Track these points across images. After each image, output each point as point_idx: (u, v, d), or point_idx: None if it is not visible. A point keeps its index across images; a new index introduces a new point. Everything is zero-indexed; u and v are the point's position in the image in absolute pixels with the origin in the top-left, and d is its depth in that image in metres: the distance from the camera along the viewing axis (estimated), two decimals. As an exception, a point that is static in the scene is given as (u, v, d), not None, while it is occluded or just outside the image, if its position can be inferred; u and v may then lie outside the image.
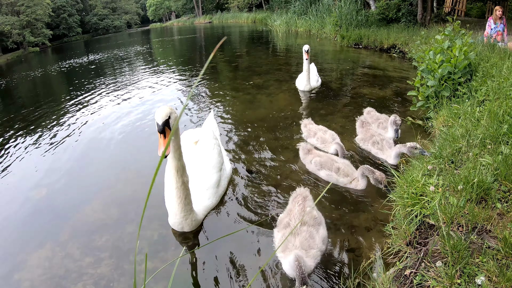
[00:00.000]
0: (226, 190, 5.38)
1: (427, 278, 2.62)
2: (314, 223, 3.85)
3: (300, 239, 3.70)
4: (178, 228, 4.55)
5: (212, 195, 4.96)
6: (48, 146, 8.09)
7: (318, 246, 3.69)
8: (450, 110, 6.00)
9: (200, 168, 5.11)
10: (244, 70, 14.98)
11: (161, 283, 3.80)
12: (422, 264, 2.81)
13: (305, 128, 6.88)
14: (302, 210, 3.98)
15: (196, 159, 5.28)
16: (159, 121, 3.77)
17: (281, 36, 27.24)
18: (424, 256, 2.87)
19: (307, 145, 5.96)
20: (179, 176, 4.17)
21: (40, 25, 56.90)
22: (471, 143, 4.42)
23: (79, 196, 5.78)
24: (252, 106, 9.49)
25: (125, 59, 23.35)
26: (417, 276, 2.68)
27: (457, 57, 6.84)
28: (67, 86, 16.09)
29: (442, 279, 2.53)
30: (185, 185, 4.24)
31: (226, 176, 5.45)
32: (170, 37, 42.73)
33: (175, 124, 3.87)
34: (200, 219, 4.70)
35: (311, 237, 3.72)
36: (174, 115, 3.89)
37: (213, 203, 4.95)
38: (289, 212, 4.07)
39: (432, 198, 3.41)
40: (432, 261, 2.75)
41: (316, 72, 10.78)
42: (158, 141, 3.87)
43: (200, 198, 4.87)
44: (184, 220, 4.43)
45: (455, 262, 2.60)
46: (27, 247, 4.66)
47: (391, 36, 16.47)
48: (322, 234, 3.82)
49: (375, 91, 9.77)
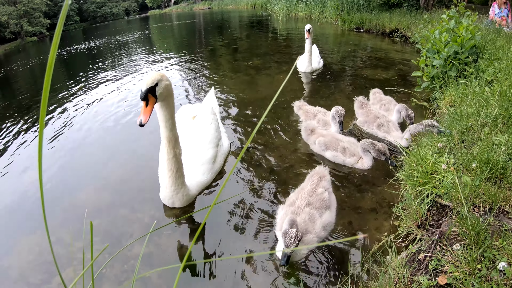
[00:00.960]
0: (222, 167, 5.21)
1: (444, 262, 2.38)
2: (320, 206, 3.63)
3: (298, 220, 3.48)
4: (168, 202, 4.41)
5: (207, 170, 4.78)
6: (43, 132, 7.80)
7: (317, 231, 3.48)
8: (457, 90, 5.78)
9: (196, 143, 4.94)
10: (243, 52, 14.71)
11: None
12: (438, 247, 2.56)
13: (300, 110, 6.55)
14: (313, 190, 3.77)
15: (193, 133, 5.10)
16: (143, 87, 3.58)
17: (281, 20, 26.80)
18: (439, 239, 2.62)
19: (309, 124, 5.66)
20: (170, 148, 4.03)
21: (38, 14, 56.09)
22: (481, 122, 4.21)
23: (72, 180, 5.55)
24: (251, 86, 9.28)
25: (123, 45, 22.94)
26: (432, 261, 2.43)
27: (463, 36, 6.59)
28: (65, 73, 15.74)
29: (461, 264, 2.29)
30: (177, 158, 4.09)
31: (223, 152, 5.28)
32: (169, 22, 42.26)
33: (163, 92, 3.74)
34: (193, 195, 4.53)
35: (311, 221, 3.51)
36: (164, 82, 3.68)
37: (208, 179, 4.77)
38: (300, 190, 3.87)
39: (444, 177, 3.16)
40: (449, 245, 2.51)
41: (318, 53, 10.45)
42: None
43: (195, 173, 4.69)
44: (175, 194, 4.29)
45: (474, 245, 2.36)
46: (17, 233, 4.46)
47: (393, 20, 16.13)
48: (326, 220, 3.58)
49: (378, 73, 9.51)
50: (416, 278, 2.36)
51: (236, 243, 3.83)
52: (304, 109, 6.46)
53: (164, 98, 3.78)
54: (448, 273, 2.27)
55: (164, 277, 3.49)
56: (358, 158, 4.89)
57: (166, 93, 3.74)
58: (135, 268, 3.55)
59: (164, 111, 3.88)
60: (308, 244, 3.38)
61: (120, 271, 3.59)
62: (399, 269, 2.51)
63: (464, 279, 2.19)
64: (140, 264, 3.65)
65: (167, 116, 3.91)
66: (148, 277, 3.49)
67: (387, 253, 2.95)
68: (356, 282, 2.84)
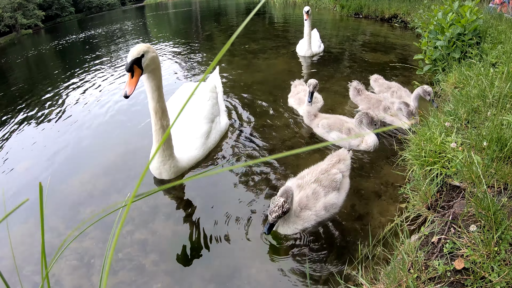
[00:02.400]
0: (216, 144, 5.22)
1: (460, 245, 2.22)
2: (328, 185, 3.56)
3: (301, 195, 3.49)
4: (156, 173, 4.46)
5: (200, 145, 4.80)
6: (38, 121, 7.56)
7: (317, 210, 3.42)
8: (461, 71, 5.60)
9: (191, 118, 4.98)
10: (240, 37, 14.45)
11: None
12: (452, 229, 2.39)
13: (295, 88, 6.48)
14: (327, 169, 3.73)
15: (190, 108, 5.13)
16: (128, 58, 3.59)
17: (278, 7, 26.42)
18: (453, 220, 2.46)
19: (312, 108, 5.48)
20: (157, 119, 4.08)
21: (32, 7, 55.07)
22: (487, 103, 4.05)
23: (66, 168, 5.36)
24: (248, 69, 9.11)
25: (119, 34, 22.53)
26: (447, 244, 2.27)
27: (467, 17, 6.41)
28: (61, 64, 15.38)
29: (478, 247, 2.13)
30: (164, 129, 4.13)
31: (219, 129, 5.27)
32: (165, 11, 41.84)
33: (149, 64, 3.68)
34: (182, 167, 4.54)
35: (314, 197, 3.46)
36: (151, 54, 3.68)
37: (200, 154, 4.78)
38: (315, 167, 3.85)
39: (454, 157, 3.00)
40: (464, 226, 2.34)
41: (318, 37, 10.19)
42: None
43: (187, 147, 4.73)
44: (162, 166, 4.33)
45: (491, 227, 2.20)
46: (10, 222, 4.26)
47: (393, 6, 15.84)
48: (330, 200, 3.49)
49: (378, 56, 9.31)
50: (431, 262, 2.19)
51: (232, 222, 3.71)
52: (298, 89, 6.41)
53: (151, 70, 3.79)
54: (465, 256, 2.12)
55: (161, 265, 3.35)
56: (362, 139, 4.74)
57: (153, 65, 3.76)
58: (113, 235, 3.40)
59: (150, 82, 3.89)
60: (305, 221, 3.37)
61: (114, 260, 3.44)
62: (412, 253, 2.34)
63: (482, 262, 2.03)
64: (136, 251, 3.51)
65: (154, 87, 3.92)
66: (143, 264, 3.35)
67: (397, 237, 2.77)
68: (365, 267, 2.66)
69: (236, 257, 3.30)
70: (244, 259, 3.26)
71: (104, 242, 3.69)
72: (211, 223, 3.76)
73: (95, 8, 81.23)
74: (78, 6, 78.43)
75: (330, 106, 6.29)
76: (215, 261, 3.30)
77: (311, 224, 3.43)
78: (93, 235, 3.81)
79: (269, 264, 3.17)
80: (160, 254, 3.46)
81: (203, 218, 3.88)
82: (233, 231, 3.62)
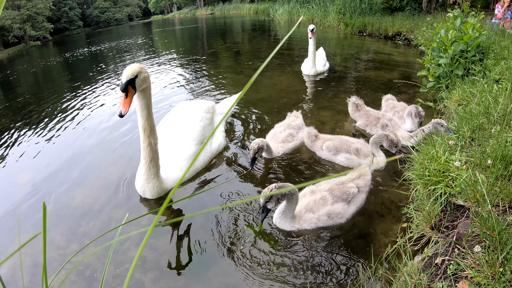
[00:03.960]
0: (206, 166, 5.17)
1: (464, 266, 2.16)
2: (339, 195, 3.66)
3: (310, 198, 3.67)
4: (140, 191, 4.48)
5: (185, 167, 4.76)
6: (43, 133, 7.62)
7: (320, 215, 3.56)
8: (464, 88, 5.59)
9: (180, 138, 5.02)
10: (245, 55, 14.62)
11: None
12: (456, 250, 2.34)
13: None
14: (345, 182, 3.82)
15: (180, 128, 5.18)
16: (123, 79, 3.70)
17: (283, 25, 26.74)
18: (457, 241, 2.40)
19: (312, 129, 5.21)
20: (145, 137, 4.14)
21: (41, 19, 56.08)
22: (491, 120, 4.04)
23: (68, 181, 5.33)
24: (252, 87, 9.04)
25: (126, 49, 22.83)
26: (451, 265, 2.22)
27: (470, 34, 6.42)
28: (68, 77, 15.57)
29: (483, 268, 2.07)
30: (152, 147, 4.19)
31: (208, 151, 5.22)
32: (171, 27, 42.35)
33: (141, 84, 3.80)
34: (166, 188, 4.54)
35: (321, 204, 3.60)
36: (143, 75, 3.82)
37: (185, 176, 4.62)
38: (335, 179, 3.90)
39: (458, 175, 2.95)
40: (468, 247, 2.29)
41: (324, 56, 10.14)
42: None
43: (172, 167, 4.73)
44: (146, 184, 4.35)
45: (496, 247, 2.14)
46: (10, 233, 4.27)
47: (396, 24, 16.04)
48: (336, 209, 3.57)
49: (382, 74, 9.33)
50: (435, 284, 2.14)
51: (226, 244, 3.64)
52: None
53: (142, 89, 3.93)
54: (469, 278, 2.06)
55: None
56: (371, 158, 4.63)
57: (144, 84, 3.90)
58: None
59: (140, 100, 3.99)
60: (305, 222, 3.56)
61: (112, 276, 3.39)
62: (415, 275, 2.28)
63: (487, 284, 1.98)
64: (136, 267, 3.46)
65: (143, 106, 4.02)
66: (142, 281, 3.30)
67: (400, 257, 2.71)
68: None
69: (237, 277, 3.24)
70: (244, 279, 3.20)
71: (102, 257, 3.66)
72: (212, 242, 3.71)
73: (103, 23, 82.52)
74: (87, 20, 79.81)
75: (334, 125, 6.24)
76: (214, 279, 3.25)
77: (311, 226, 3.57)
78: (93, 250, 3.77)
79: (269, 283, 3.11)
80: (161, 271, 3.41)
81: (204, 236, 3.82)
82: (234, 249, 3.57)
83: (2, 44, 50.69)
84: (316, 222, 3.56)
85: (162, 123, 5.50)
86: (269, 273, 3.21)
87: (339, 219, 3.61)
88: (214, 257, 3.51)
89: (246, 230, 3.79)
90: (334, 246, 3.43)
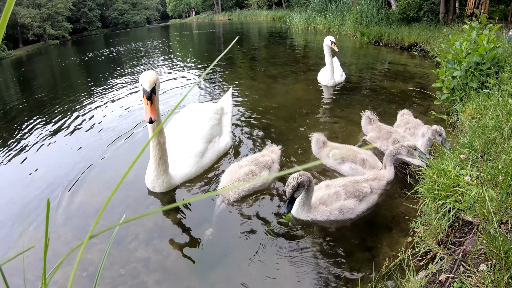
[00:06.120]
0: (213, 164, 5.36)
1: (468, 285, 2.13)
2: (352, 192, 3.84)
3: (324, 192, 3.87)
4: (149, 186, 4.74)
5: (193, 163, 5.02)
6: (58, 130, 7.83)
7: (332, 208, 3.76)
8: (478, 102, 5.51)
9: (189, 137, 5.24)
10: (261, 61, 14.66)
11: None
12: (461, 267, 2.31)
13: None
14: (359, 182, 4.01)
15: (189, 128, 5.38)
16: (148, 88, 3.92)
17: (299, 32, 26.75)
18: (463, 258, 2.37)
19: (321, 136, 5.20)
20: (154, 136, 4.29)
21: (61, 19, 57.36)
22: (505, 135, 3.97)
23: (80, 179, 5.40)
24: (267, 94, 9.13)
25: (143, 51, 23.15)
26: (455, 283, 2.18)
27: (484, 46, 6.34)
28: (85, 77, 15.88)
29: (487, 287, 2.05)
30: (161, 146, 4.43)
31: (216, 149, 5.43)
32: (189, 31, 42.78)
33: (158, 89, 4.08)
34: (174, 184, 4.80)
35: (335, 198, 3.80)
36: (159, 81, 4.10)
37: (192, 172, 5.00)
38: (351, 177, 4.15)
39: (468, 191, 2.91)
40: (473, 265, 2.25)
41: (339, 66, 10.02)
42: (145, 107, 3.95)
43: (181, 164, 4.97)
44: (156, 180, 4.62)
45: (502, 266, 2.12)
46: (19, 228, 4.35)
47: (412, 34, 15.86)
48: (348, 204, 3.76)
49: (397, 85, 9.23)
50: (437, 301, 2.11)
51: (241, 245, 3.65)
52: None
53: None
54: (473, 297, 2.03)
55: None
56: (378, 170, 4.53)
57: (158, 89, 4.15)
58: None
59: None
60: (318, 213, 3.79)
61: (116, 275, 3.43)
62: (418, 290, 2.25)
63: (491, 304, 1.95)
64: (139, 268, 3.49)
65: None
66: (145, 281, 3.33)
67: (403, 273, 2.68)
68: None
69: (243, 280, 3.25)
70: (250, 282, 3.21)
71: (109, 255, 3.69)
72: (218, 244, 3.73)
73: (121, 25, 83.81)
74: (105, 22, 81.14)
75: (346, 135, 6.21)
76: (220, 283, 3.26)
77: (323, 218, 3.79)
78: (99, 248, 3.83)
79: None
80: (164, 272, 3.43)
81: (210, 239, 3.85)
82: (240, 252, 3.58)
83: (21, 42, 51.87)
84: (328, 215, 3.78)
85: (172, 123, 5.69)
86: (275, 280, 3.21)
87: (349, 214, 3.79)
88: (219, 260, 3.52)
89: (251, 235, 3.80)
90: (337, 257, 3.41)
